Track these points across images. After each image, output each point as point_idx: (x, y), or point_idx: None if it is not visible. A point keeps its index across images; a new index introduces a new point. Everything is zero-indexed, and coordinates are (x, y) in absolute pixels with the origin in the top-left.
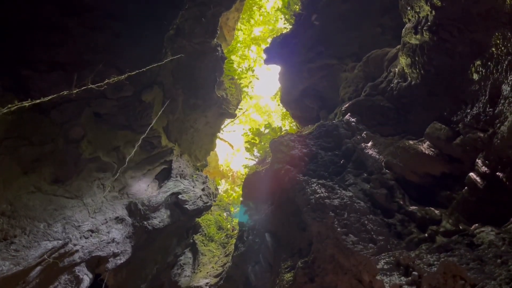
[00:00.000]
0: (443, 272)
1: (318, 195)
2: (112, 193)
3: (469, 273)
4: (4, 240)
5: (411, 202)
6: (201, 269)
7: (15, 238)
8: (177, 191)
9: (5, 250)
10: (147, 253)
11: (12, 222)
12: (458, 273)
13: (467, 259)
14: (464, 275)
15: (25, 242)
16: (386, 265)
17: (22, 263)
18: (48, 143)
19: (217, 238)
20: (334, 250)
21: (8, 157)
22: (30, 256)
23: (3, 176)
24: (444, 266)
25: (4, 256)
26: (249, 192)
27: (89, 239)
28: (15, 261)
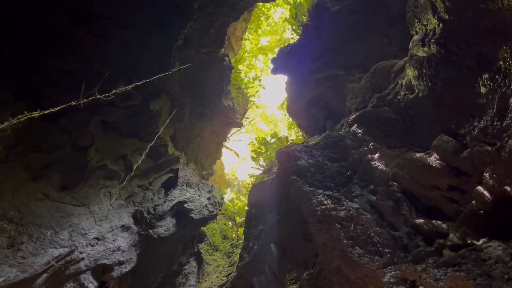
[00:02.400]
0: (451, 287)
1: (324, 206)
2: (119, 201)
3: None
4: (11, 247)
5: (417, 215)
6: (206, 279)
7: (22, 245)
8: (183, 200)
9: (12, 257)
10: (152, 261)
11: (20, 229)
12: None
13: (474, 274)
14: None
15: (32, 249)
16: (392, 279)
17: (28, 270)
18: (56, 150)
19: (222, 248)
20: (340, 262)
21: (17, 164)
22: (36, 263)
23: (12, 182)
24: (451, 280)
25: (11, 263)
26: (255, 201)
27: (95, 247)
28: (22, 268)
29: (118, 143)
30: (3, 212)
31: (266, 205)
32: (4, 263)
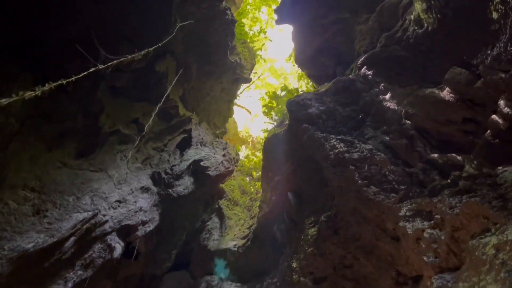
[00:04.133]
0: (466, 213)
1: (338, 150)
2: (136, 164)
3: (491, 211)
4: (37, 215)
5: (432, 150)
6: (229, 232)
7: (47, 212)
8: (198, 159)
9: (39, 223)
10: (175, 220)
11: (43, 197)
12: (481, 213)
13: (489, 198)
14: (487, 214)
15: (57, 215)
16: (408, 212)
17: (56, 235)
18: (68, 119)
19: (241, 202)
20: (356, 202)
21: (32, 136)
22: (63, 228)
23: (29, 154)
24: (467, 206)
25: (39, 229)
26: (269, 154)
27: (117, 209)
28: (50, 233)
29: (128, 108)
30: (25, 182)
31: (281, 157)
32: (31, 229)
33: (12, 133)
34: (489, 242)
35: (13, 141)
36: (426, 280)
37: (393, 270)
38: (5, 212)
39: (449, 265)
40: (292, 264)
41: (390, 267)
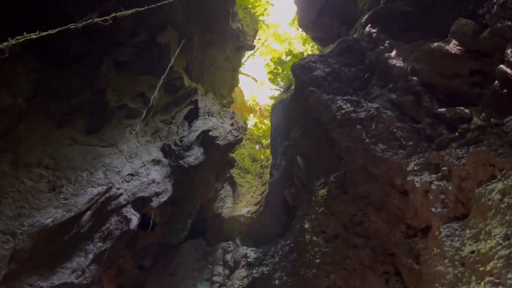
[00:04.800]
0: (473, 162)
1: (344, 110)
2: (145, 138)
3: (497, 158)
4: (53, 191)
5: (439, 105)
6: (241, 200)
7: (63, 188)
8: (207, 129)
9: (56, 199)
10: (188, 191)
11: (57, 173)
12: (487, 161)
13: (496, 146)
14: (493, 161)
15: (72, 191)
16: (416, 167)
17: (73, 210)
18: (75, 96)
19: (252, 170)
20: (364, 161)
21: (41, 114)
22: (79, 202)
23: (39, 132)
24: (473, 156)
25: (56, 205)
26: (277, 120)
27: (130, 182)
28: (67, 208)
29: (133, 82)
30: (38, 160)
31: (288, 122)
32: (49, 205)
33: (21, 112)
34: (495, 188)
35: (23, 121)
36: (435, 230)
37: (403, 224)
38: (22, 190)
39: (456, 214)
40: (304, 225)
41: (400, 221)
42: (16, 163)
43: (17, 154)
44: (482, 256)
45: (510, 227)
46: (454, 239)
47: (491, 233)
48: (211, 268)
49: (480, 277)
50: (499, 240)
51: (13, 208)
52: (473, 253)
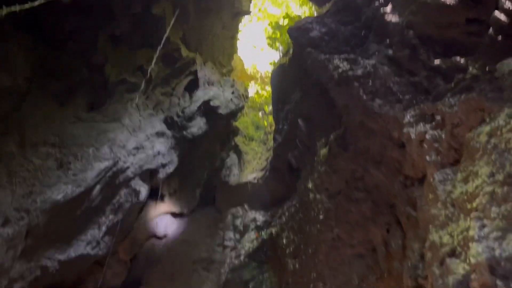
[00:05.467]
0: (464, 109)
1: (341, 69)
2: (147, 111)
3: (487, 103)
4: (61, 168)
5: (436, 57)
6: (247, 167)
7: (70, 165)
8: (207, 99)
9: (65, 176)
10: (194, 161)
11: (64, 151)
12: (477, 106)
13: (486, 91)
14: (483, 106)
15: (80, 167)
16: (412, 118)
17: (83, 185)
18: (74, 74)
19: (256, 137)
20: (362, 117)
21: (42, 94)
22: (88, 177)
23: (42, 112)
24: (465, 102)
25: (65, 181)
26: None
27: (136, 156)
28: (76, 184)
29: (131, 56)
30: (44, 139)
31: (289, 86)
32: (59, 182)
33: (22, 93)
34: (483, 131)
35: (25, 102)
36: (429, 177)
37: (401, 175)
38: (31, 168)
39: (449, 160)
40: (308, 185)
41: (398, 173)
42: (23, 143)
43: (23, 134)
44: (470, 195)
45: (495, 166)
46: (446, 183)
47: (477, 173)
48: (222, 234)
49: (467, 214)
50: (485, 178)
51: (24, 187)
52: (462, 193)
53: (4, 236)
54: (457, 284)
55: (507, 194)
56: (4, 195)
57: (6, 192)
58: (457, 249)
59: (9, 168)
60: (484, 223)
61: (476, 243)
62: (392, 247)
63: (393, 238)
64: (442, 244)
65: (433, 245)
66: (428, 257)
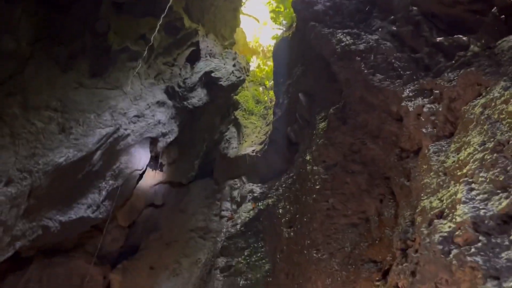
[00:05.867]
0: (462, 83)
1: (344, 43)
2: (149, 80)
3: (484, 77)
4: (63, 132)
5: (439, 34)
6: (246, 140)
7: (72, 129)
8: (209, 70)
9: (66, 140)
10: (194, 133)
11: (66, 116)
12: (475, 80)
13: (484, 66)
14: (480, 80)
15: (82, 132)
16: (411, 93)
17: (84, 149)
18: (77, 40)
19: (256, 111)
20: (362, 91)
21: (45, 59)
22: (89, 142)
23: (45, 76)
24: (463, 77)
25: (67, 145)
26: (279, 59)
27: (137, 124)
28: (78, 148)
29: (134, 24)
30: (46, 103)
31: (291, 60)
32: (61, 146)
33: (26, 57)
34: (478, 103)
35: (28, 65)
36: (425, 149)
37: (397, 148)
38: (34, 131)
39: (445, 133)
40: (306, 157)
41: (395, 146)
42: (26, 106)
43: (26, 97)
44: (461, 163)
45: (487, 135)
46: (440, 154)
47: (470, 142)
48: (219, 204)
49: (457, 180)
50: (476, 146)
51: (27, 148)
52: (454, 162)
53: (8, 195)
54: (442, 240)
55: (496, 160)
56: (8, 156)
57: (10, 152)
58: (445, 211)
59: (12, 129)
60: (472, 187)
61: (463, 204)
62: (384, 216)
63: (386, 208)
64: (431, 208)
65: (423, 209)
66: (418, 221)
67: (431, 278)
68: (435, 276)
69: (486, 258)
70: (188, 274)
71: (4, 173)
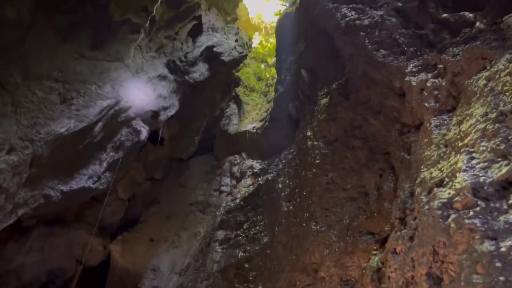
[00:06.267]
0: (467, 57)
1: (348, 18)
2: (150, 53)
3: (489, 51)
4: (64, 103)
5: (444, 10)
6: (247, 117)
7: (73, 100)
8: (211, 44)
9: (67, 110)
10: (194, 108)
11: (67, 86)
12: (480, 54)
13: (490, 40)
14: (485, 54)
15: (83, 103)
16: (415, 68)
17: (85, 120)
18: (78, 10)
19: (258, 88)
20: (365, 67)
21: (46, 28)
22: (90, 113)
23: (46, 46)
24: (468, 51)
25: (68, 115)
26: (282, 35)
27: None
28: (79, 119)
29: None
30: (48, 73)
31: (294, 36)
32: (62, 116)
33: (27, 25)
34: (482, 76)
35: (29, 34)
36: (426, 123)
37: (399, 124)
38: (35, 100)
39: (447, 107)
40: (307, 133)
41: (396, 121)
42: (27, 75)
43: (27, 66)
44: (462, 134)
45: (490, 106)
46: (442, 127)
47: (472, 114)
48: (219, 180)
49: (458, 151)
50: (478, 117)
51: (28, 118)
52: (455, 134)
53: (10, 162)
54: (441, 206)
55: (498, 130)
56: (9, 124)
57: (11, 121)
58: (445, 179)
59: (14, 98)
60: (472, 156)
61: (463, 172)
62: (384, 190)
63: (386, 182)
64: (431, 178)
65: (423, 180)
66: (417, 192)
67: (429, 241)
68: (433, 239)
69: (484, 221)
70: (187, 246)
71: (6, 141)
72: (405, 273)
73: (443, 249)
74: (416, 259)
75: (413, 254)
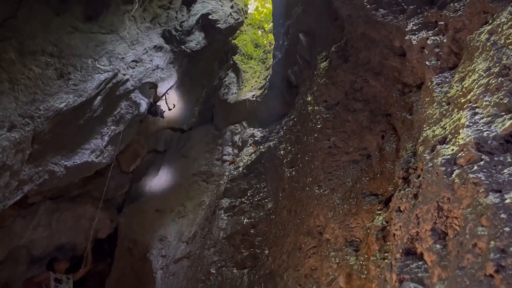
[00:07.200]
0: (469, 13)
1: None
2: (145, 24)
3: (491, 4)
4: (61, 78)
5: None
6: (246, 85)
7: (70, 75)
8: (206, 12)
9: (65, 85)
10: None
11: (62, 61)
12: (482, 8)
13: None
14: (487, 8)
15: (80, 77)
16: (415, 26)
17: (84, 95)
18: None
19: (255, 55)
20: (364, 27)
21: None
22: (88, 88)
23: (38, 20)
24: (469, 5)
25: (67, 90)
26: None
27: (135, 69)
28: (77, 94)
29: None
30: (42, 48)
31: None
32: (60, 91)
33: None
34: (484, 30)
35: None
36: (428, 82)
37: (399, 84)
38: (32, 77)
39: (449, 64)
40: (307, 98)
41: (397, 82)
42: (22, 51)
43: (21, 42)
44: (465, 90)
45: (493, 60)
46: (444, 85)
47: (475, 69)
48: (221, 149)
49: (461, 107)
50: (481, 72)
51: (26, 94)
52: (458, 91)
53: (12, 140)
54: (445, 162)
55: (501, 84)
56: (8, 101)
57: (10, 98)
58: (448, 136)
59: (10, 75)
60: (476, 111)
61: (466, 128)
62: (386, 151)
63: (388, 143)
64: (434, 136)
65: (426, 138)
66: (420, 150)
67: (433, 198)
68: (437, 195)
69: (488, 174)
70: (193, 215)
71: (6, 119)
72: (409, 229)
73: (447, 205)
74: (420, 215)
75: (417, 211)
